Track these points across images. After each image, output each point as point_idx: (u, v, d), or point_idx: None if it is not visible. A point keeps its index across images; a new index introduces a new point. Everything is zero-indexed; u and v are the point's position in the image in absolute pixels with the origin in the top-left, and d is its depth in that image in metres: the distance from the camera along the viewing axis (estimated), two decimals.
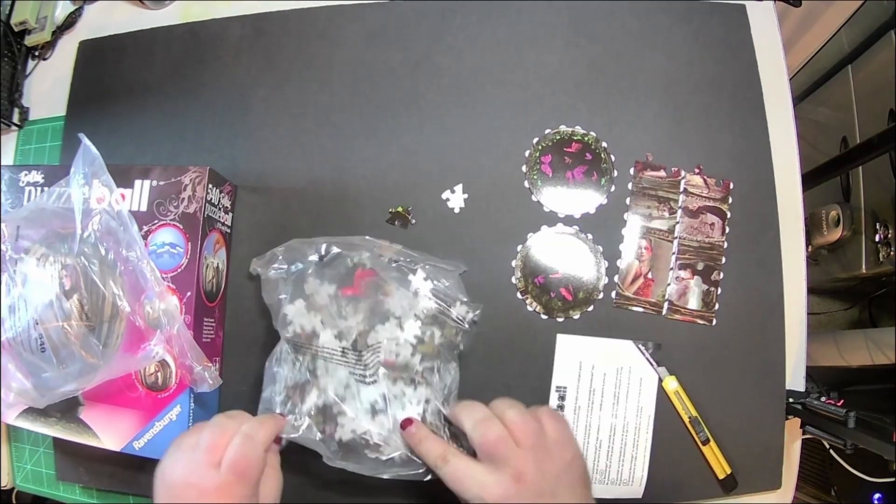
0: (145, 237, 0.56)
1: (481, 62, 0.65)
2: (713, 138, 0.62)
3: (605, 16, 0.65)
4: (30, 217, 0.55)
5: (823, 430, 0.56)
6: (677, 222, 0.61)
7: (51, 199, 0.56)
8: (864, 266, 1.17)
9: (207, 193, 0.57)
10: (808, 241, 1.17)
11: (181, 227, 0.56)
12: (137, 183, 0.57)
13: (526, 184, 0.62)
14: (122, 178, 0.56)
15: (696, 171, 0.62)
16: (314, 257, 0.57)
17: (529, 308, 0.60)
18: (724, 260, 0.60)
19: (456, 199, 0.62)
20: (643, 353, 0.59)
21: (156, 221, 0.56)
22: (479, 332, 0.59)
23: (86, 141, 0.55)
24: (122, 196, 0.56)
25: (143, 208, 0.56)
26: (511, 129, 0.63)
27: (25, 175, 0.59)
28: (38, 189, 0.58)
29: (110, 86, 0.71)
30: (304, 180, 0.64)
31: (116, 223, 0.54)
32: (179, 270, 0.56)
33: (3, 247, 0.54)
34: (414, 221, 0.62)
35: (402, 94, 0.65)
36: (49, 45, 0.75)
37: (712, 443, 0.57)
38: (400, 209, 0.62)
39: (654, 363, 0.59)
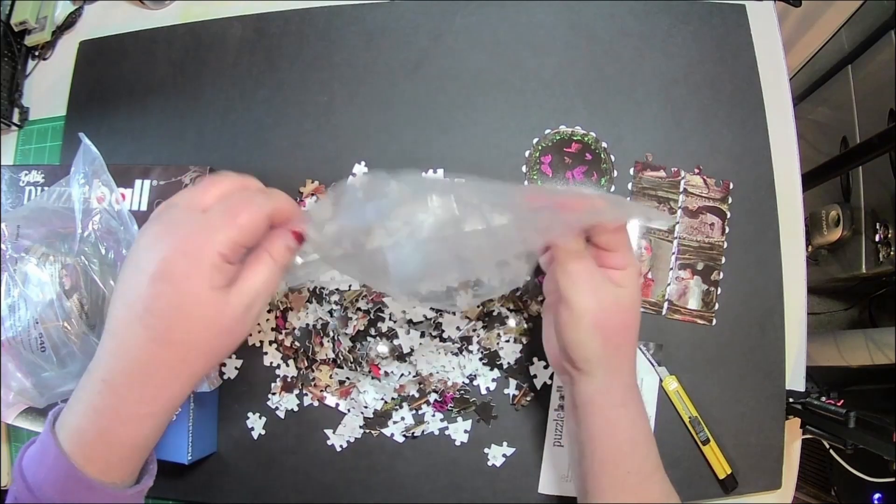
0: None
1: (481, 63, 0.65)
2: (713, 138, 0.62)
3: (605, 16, 0.65)
4: (30, 216, 0.55)
5: (823, 430, 0.56)
6: (677, 222, 0.61)
7: (51, 198, 0.56)
8: (864, 266, 1.17)
9: None
10: (808, 241, 1.17)
11: None
12: (138, 182, 0.57)
13: (526, 184, 0.62)
14: (123, 177, 0.56)
15: (696, 171, 0.62)
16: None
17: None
18: (723, 260, 0.60)
19: None
20: (644, 354, 0.59)
21: None
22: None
23: (86, 140, 0.55)
24: (123, 196, 0.56)
25: (144, 208, 0.57)
26: (511, 130, 0.63)
27: (25, 175, 0.59)
28: (39, 189, 0.59)
29: (110, 86, 0.71)
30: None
31: (117, 223, 0.54)
32: None
33: (3, 246, 0.54)
34: None
35: (402, 95, 0.65)
36: (49, 45, 0.75)
37: (712, 443, 0.57)
38: None
39: (654, 363, 0.59)
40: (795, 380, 0.60)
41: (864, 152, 0.99)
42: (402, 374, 0.59)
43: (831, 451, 0.88)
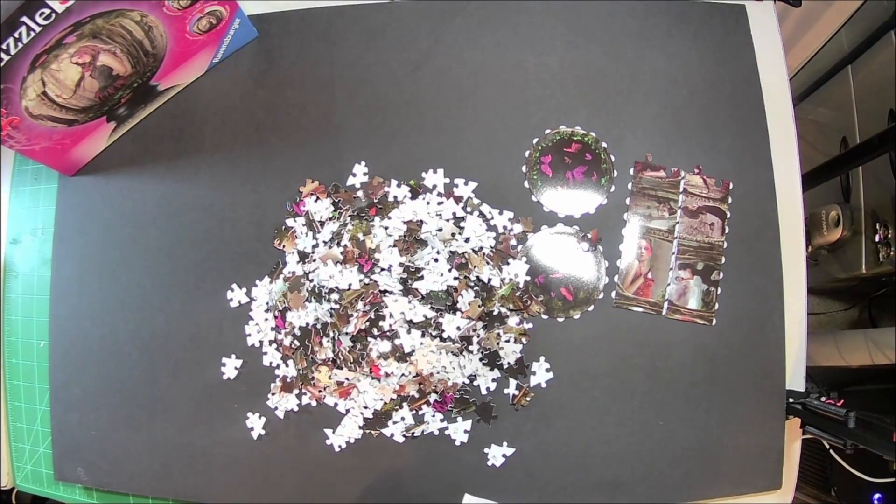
0: None
1: (481, 63, 0.65)
2: (713, 138, 0.62)
3: (605, 17, 0.65)
4: None
5: (823, 430, 0.56)
6: (677, 222, 0.61)
7: None
8: (864, 266, 1.17)
9: None
10: (808, 241, 1.17)
11: None
12: None
13: (526, 184, 0.62)
14: None
15: (696, 171, 0.62)
16: None
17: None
18: (723, 260, 0.60)
19: None
20: None
21: None
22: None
23: None
24: None
25: None
26: (511, 130, 0.63)
27: None
28: None
29: None
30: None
31: None
32: None
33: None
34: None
35: (402, 95, 0.65)
36: None
37: None
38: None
39: None
40: (795, 380, 0.60)
41: (864, 152, 0.99)
42: (402, 374, 0.59)
43: (831, 451, 0.88)
